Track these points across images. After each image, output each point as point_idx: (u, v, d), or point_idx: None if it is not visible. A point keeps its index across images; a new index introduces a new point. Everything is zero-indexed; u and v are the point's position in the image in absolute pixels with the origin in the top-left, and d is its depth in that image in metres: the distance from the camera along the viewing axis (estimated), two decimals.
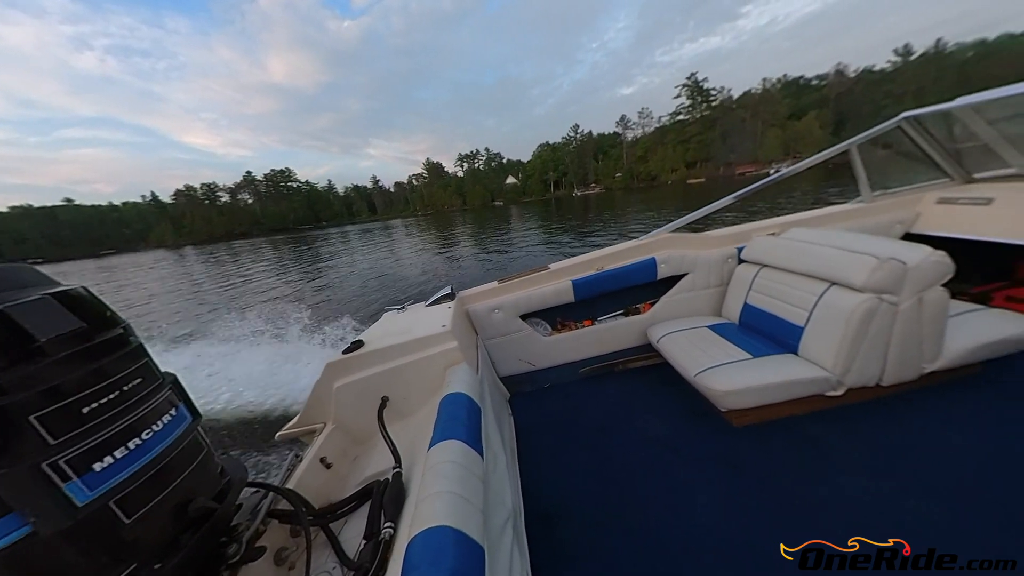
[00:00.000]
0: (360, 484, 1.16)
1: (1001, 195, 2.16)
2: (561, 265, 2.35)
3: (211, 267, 25.05)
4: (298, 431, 1.51)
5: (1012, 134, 2.21)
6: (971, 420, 1.56)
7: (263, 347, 5.66)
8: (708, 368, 1.67)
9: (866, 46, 77.39)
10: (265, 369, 4.75)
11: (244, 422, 3.87)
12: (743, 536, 1.25)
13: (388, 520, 0.89)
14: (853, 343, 1.49)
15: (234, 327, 6.52)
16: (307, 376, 4.36)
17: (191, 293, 14.93)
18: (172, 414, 0.73)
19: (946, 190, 2.45)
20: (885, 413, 1.64)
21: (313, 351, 5.28)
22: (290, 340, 5.82)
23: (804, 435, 1.61)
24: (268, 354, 5.26)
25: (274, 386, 4.30)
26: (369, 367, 1.51)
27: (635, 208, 26.38)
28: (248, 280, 16.40)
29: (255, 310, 7.96)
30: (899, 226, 2.43)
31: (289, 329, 6.16)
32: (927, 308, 1.48)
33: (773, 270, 1.92)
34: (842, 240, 1.71)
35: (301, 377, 4.38)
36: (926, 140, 2.44)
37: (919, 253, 1.47)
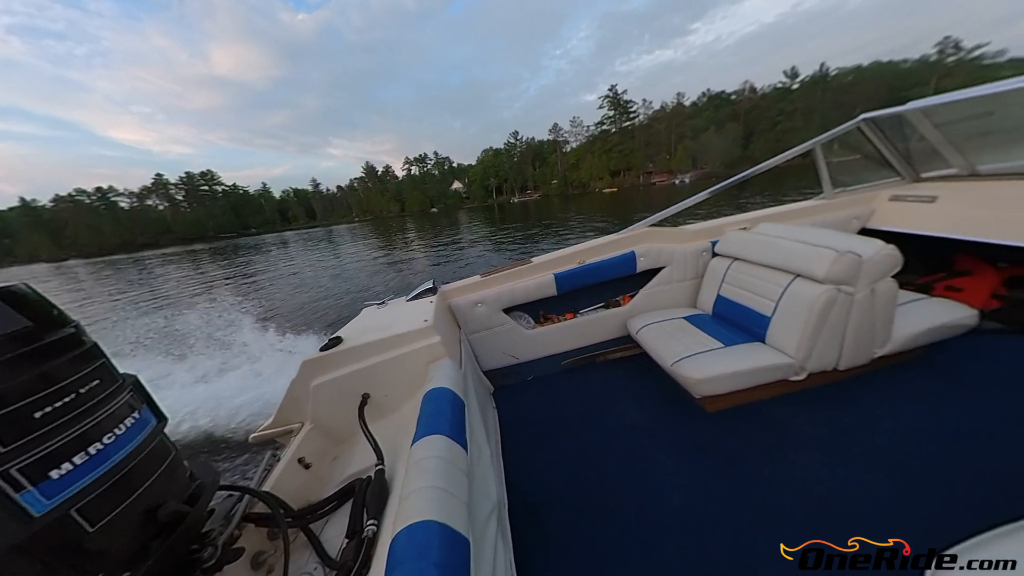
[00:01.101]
0: (341, 483, 1.14)
1: (944, 193, 2.35)
2: (544, 259, 2.37)
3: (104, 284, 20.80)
4: (274, 432, 1.47)
5: (954, 137, 2.40)
6: (914, 399, 1.71)
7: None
8: (684, 357, 1.74)
9: (792, 63, 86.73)
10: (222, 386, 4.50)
11: (214, 428, 3.69)
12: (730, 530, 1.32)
13: (371, 518, 0.88)
14: (814, 331, 1.60)
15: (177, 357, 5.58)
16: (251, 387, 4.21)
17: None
18: (135, 417, 0.70)
19: (898, 188, 2.64)
20: (841, 395, 1.77)
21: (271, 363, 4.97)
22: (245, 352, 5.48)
23: (770, 418, 1.72)
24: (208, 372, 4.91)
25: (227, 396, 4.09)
26: (348, 364, 1.48)
27: (559, 217, 26.04)
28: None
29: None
30: (856, 221, 2.60)
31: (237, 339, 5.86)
32: (879, 298, 1.61)
33: (744, 263, 2.02)
34: (805, 235, 1.81)
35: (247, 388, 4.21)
36: (881, 141, 2.61)
37: (872, 247, 1.59)
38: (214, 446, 3.46)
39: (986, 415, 1.56)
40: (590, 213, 26.61)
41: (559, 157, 76.88)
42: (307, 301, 10.10)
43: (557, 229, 19.09)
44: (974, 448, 1.42)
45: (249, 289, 13.39)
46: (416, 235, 28.18)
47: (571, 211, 30.26)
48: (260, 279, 15.48)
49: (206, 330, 6.58)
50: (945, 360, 1.89)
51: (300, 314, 8.59)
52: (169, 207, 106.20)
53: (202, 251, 44.20)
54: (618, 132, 69.41)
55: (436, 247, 19.46)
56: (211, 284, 15.97)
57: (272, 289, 12.82)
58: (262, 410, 3.74)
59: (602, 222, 19.66)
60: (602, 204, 35.55)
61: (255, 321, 7.38)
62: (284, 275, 15.94)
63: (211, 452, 3.37)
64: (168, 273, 22.72)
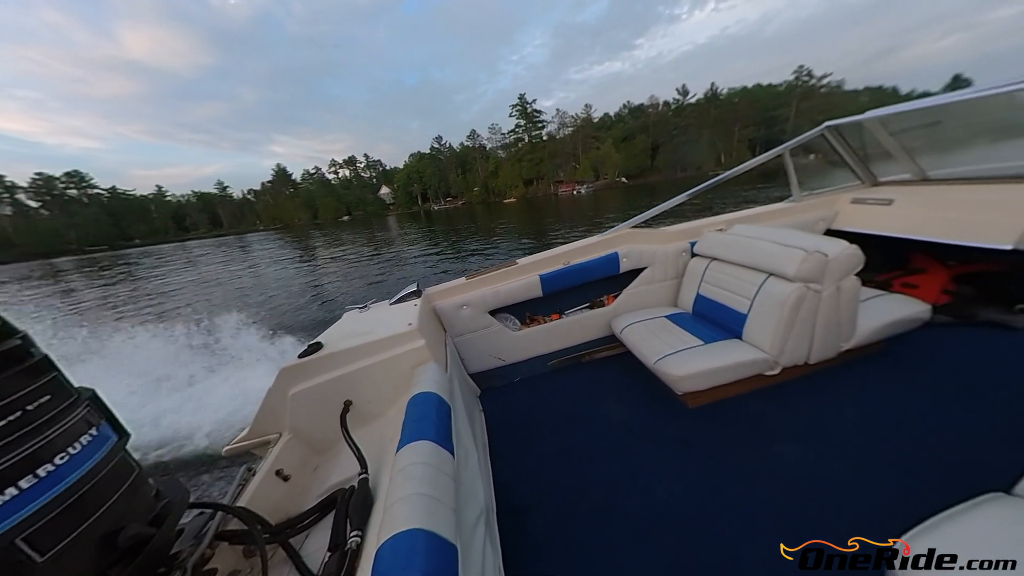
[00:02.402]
0: (323, 495, 1.10)
1: (899, 197, 2.53)
2: (529, 260, 2.38)
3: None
4: (249, 444, 1.40)
5: (907, 145, 2.59)
6: (877, 389, 1.82)
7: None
8: (666, 355, 1.79)
9: (723, 79, 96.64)
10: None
11: (182, 443, 3.46)
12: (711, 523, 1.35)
13: (355, 529, 0.85)
14: (787, 327, 1.68)
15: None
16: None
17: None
18: (92, 434, 0.64)
19: (858, 192, 2.81)
20: (812, 388, 1.87)
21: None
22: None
23: (747, 411, 1.79)
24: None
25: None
26: (329, 370, 1.43)
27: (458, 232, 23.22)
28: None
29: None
30: (822, 223, 2.75)
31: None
32: (844, 294, 1.70)
33: (721, 263, 2.09)
34: (777, 236, 1.90)
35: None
36: (843, 147, 2.78)
37: (837, 247, 1.68)
38: (184, 462, 3.26)
39: (940, 403, 1.68)
40: (460, 228, 25.07)
41: (480, 164, 75.43)
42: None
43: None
44: (930, 434, 1.53)
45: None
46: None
47: (458, 224, 28.24)
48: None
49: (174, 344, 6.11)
50: (903, 352, 2.03)
51: (273, 318, 8.18)
52: (15, 215, 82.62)
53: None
54: (528, 141, 69.62)
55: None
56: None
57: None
58: (230, 419, 3.55)
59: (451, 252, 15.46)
60: (500, 214, 34.49)
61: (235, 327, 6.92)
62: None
63: (181, 468, 3.17)
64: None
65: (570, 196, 50.95)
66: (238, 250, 30.43)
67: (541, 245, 13.08)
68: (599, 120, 69.63)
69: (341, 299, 9.74)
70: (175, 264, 26.22)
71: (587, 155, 63.44)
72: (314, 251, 23.22)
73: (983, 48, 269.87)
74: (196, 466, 3.18)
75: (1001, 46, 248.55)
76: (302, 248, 26.12)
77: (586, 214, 23.83)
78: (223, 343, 5.59)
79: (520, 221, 25.76)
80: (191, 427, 3.61)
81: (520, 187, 67.98)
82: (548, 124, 69.86)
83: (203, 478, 3.00)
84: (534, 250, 2.85)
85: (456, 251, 15.72)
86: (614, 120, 69.19)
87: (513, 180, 68.46)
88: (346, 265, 15.53)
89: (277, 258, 21.85)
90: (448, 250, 16.21)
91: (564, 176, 66.42)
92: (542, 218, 25.86)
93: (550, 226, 20.18)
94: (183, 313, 9.86)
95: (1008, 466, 0.98)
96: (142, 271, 23.82)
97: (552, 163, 66.75)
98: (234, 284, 14.55)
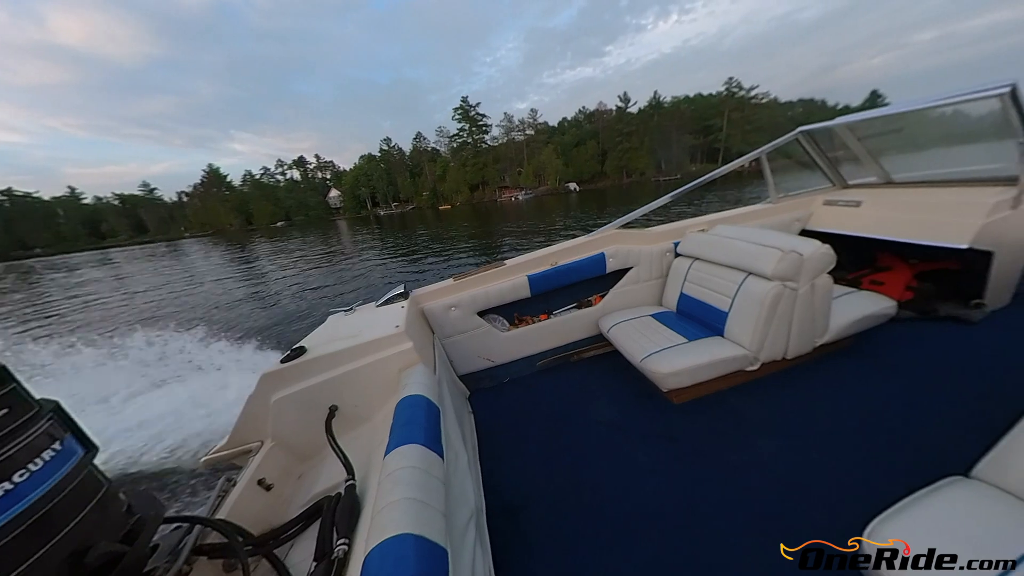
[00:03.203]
0: (308, 503, 1.07)
1: (867, 199, 2.66)
2: (517, 261, 2.39)
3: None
4: (228, 454, 1.35)
5: (873, 149, 2.73)
6: (849, 382, 1.92)
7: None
8: (652, 353, 1.82)
9: (685, 88, 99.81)
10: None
11: (157, 456, 3.29)
12: (696, 516, 1.38)
13: (341, 537, 0.83)
14: (765, 324, 1.74)
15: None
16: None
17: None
18: (56, 448, 0.61)
19: (830, 194, 2.95)
20: (789, 382, 1.94)
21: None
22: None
23: (729, 406, 1.84)
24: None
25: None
26: (313, 375, 1.39)
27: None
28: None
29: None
30: (797, 223, 2.87)
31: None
32: (817, 292, 1.78)
33: (703, 263, 2.15)
34: (755, 236, 1.97)
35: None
36: (815, 151, 2.91)
37: (811, 246, 1.76)
38: (159, 475, 3.10)
39: (905, 394, 1.78)
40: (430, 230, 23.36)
41: (428, 168, 72.22)
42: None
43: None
44: (897, 424, 1.62)
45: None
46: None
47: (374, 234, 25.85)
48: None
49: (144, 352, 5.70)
50: (872, 347, 2.14)
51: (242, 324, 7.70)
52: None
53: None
54: (472, 146, 67.56)
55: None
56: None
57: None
58: (206, 430, 3.39)
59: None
60: (438, 222, 31.91)
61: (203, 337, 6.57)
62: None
63: (156, 482, 3.01)
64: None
65: (509, 202, 50.92)
66: (169, 259, 26.72)
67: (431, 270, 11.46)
68: (560, 124, 68.85)
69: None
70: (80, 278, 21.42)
71: (531, 161, 62.91)
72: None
73: (907, 67, 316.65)
74: (172, 479, 3.03)
75: (923, 65, 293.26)
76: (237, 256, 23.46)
77: (509, 221, 22.99)
78: (190, 355, 5.31)
79: (434, 229, 24.49)
80: (165, 439, 3.44)
81: (465, 192, 66.56)
82: (493, 128, 68.19)
83: (180, 491, 2.87)
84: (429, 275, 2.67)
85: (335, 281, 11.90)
86: (569, 125, 68.25)
87: (459, 185, 66.75)
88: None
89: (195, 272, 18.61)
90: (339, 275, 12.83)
91: (509, 182, 65.38)
92: (462, 224, 25.00)
93: (457, 234, 19.38)
94: (153, 321, 9.24)
95: (966, 451, 1.05)
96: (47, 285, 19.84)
97: (496, 168, 65.69)
98: (187, 295, 12.54)
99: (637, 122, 59.05)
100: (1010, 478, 0.93)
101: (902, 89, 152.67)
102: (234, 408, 1.37)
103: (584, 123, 66.51)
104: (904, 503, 0.94)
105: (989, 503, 0.91)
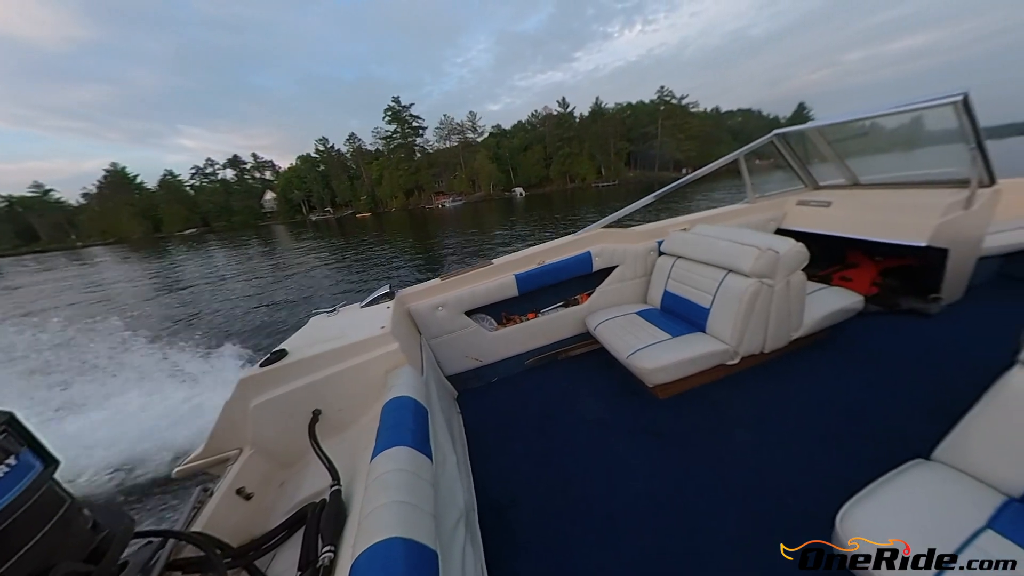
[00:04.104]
0: (291, 511, 1.04)
1: (836, 199, 2.80)
2: (504, 260, 2.39)
3: None
4: (204, 463, 1.29)
5: (842, 152, 2.88)
6: (822, 374, 2.01)
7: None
8: (637, 350, 1.86)
9: (647, 94, 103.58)
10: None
11: (127, 468, 3.08)
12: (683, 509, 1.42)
13: (327, 544, 0.81)
14: (744, 319, 1.81)
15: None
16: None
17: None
18: (11, 464, 0.56)
19: (803, 194, 3.09)
20: (767, 375, 2.02)
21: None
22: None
23: (711, 400, 1.90)
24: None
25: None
26: (295, 379, 1.35)
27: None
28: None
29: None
30: (772, 223, 2.99)
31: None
32: (792, 288, 1.86)
33: (686, 261, 2.21)
34: (734, 235, 2.04)
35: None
36: (788, 153, 3.04)
37: (786, 244, 1.83)
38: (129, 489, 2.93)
39: (872, 383, 1.89)
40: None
41: (365, 171, 66.32)
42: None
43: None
44: (866, 411, 1.71)
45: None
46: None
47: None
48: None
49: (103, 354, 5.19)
50: (843, 339, 2.25)
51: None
52: None
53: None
54: (403, 148, 62.94)
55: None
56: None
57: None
58: (176, 438, 3.22)
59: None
60: (356, 231, 29.74)
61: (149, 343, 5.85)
62: None
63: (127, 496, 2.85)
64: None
65: (438, 209, 48.98)
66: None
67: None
68: (514, 128, 66.04)
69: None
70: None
71: (467, 167, 60.55)
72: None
73: (840, 82, 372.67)
74: (144, 492, 2.87)
75: (854, 81, 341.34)
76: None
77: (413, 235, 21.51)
78: (158, 362, 5.02)
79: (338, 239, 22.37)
80: (134, 450, 3.25)
81: (401, 197, 62.63)
82: (431, 131, 64.11)
83: (152, 504, 2.72)
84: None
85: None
86: (516, 129, 66.02)
87: (394, 190, 62.70)
88: None
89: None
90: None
91: (444, 187, 62.74)
92: (364, 236, 22.88)
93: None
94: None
95: (927, 436, 1.12)
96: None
97: (430, 173, 62.37)
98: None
99: (578, 128, 59.17)
100: (965, 459, 1.01)
101: (837, 102, 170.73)
102: (189, 416, 1.29)
103: (538, 126, 64.07)
104: (872, 487, 1.00)
105: (946, 483, 0.98)
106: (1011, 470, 0.93)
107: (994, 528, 0.86)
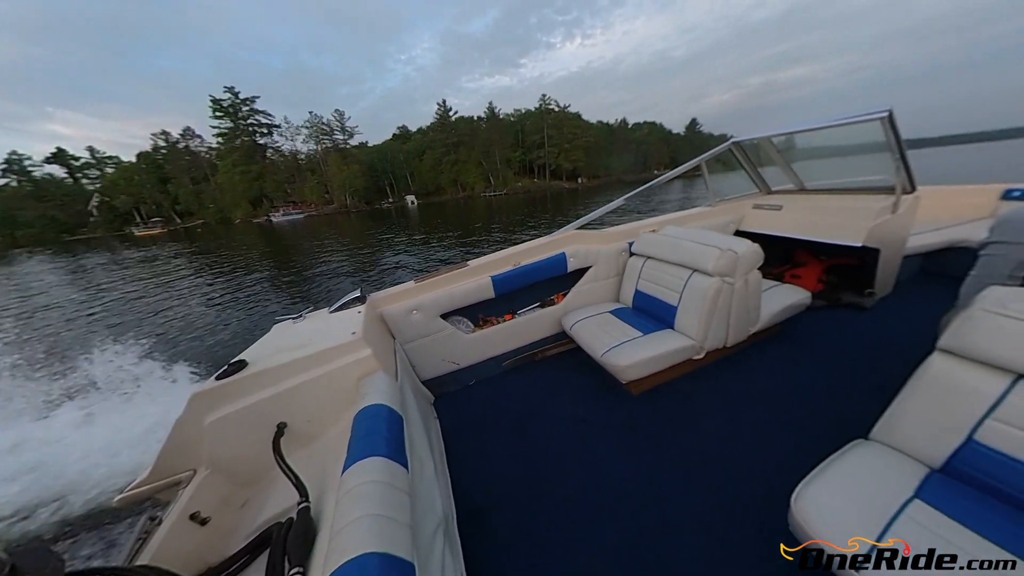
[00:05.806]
0: (253, 533, 0.97)
1: (786, 203, 3.05)
2: (480, 262, 2.37)
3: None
4: (150, 488, 1.17)
5: (791, 160, 3.14)
6: (778, 365, 2.17)
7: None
8: (611, 348, 1.92)
9: (589, 104, 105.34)
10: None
11: (54, 501, 2.69)
12: (661, 502, 1.47)
13: (295, 566, 0.76)
14: (709, 315, 1.91)
15: None
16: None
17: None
18: None
19: (758, 199, 3.33)
20: (730, 367, 2.16)
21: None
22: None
23: (681, 393, 2.00)
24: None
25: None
26: (257, 391, 1.26)
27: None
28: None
29: None
30: (732, 225, 3.20)
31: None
32: (750, 286, 1.99)
33: (655, 261, 2.31)
34: (698, 236, 2.16)
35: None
36: (745, 160, 3.27)
37: (744, 245, 1.96)
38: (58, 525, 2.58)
39: (820, 371, 2.07)
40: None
41: (210, 174, 55.36)
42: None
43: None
44: (814, 398, 1.87)
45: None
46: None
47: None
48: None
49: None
50: (794, 332, 2.45)
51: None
52: None
53: None
54: (240, 150, 52.19)
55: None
56: None
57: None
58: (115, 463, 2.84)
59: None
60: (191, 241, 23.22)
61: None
62: None
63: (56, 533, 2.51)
64: None
65: (265, 224, 42.41)
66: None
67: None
68: (417, 131, 60.73)
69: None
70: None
71: (319, 174, 52.79)
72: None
73: (745, 103, 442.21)
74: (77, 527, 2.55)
75: (756, 102, 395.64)
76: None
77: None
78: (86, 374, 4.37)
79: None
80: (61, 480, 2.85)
81: (245, 207, 52.99)
82: (279, 130, 54.10)
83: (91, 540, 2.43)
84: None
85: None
86: (416, 132, 61.38)
87: (235, 198, 52.87)
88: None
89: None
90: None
91: (295, 196, 54.44)
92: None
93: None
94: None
95: (866, 418, 1.24)
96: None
97: (275, 180, 52.95)
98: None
99: (463, 133, 55.60)
100: (896, 437, 1.12)
101: (742, 120, 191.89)
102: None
103: (439, 130, 57.21)
104: (820, 467, 1.09)
105: (881, 459, 1.09)
106: (932, 445, 1.05)
107: (920, 497, 0.96)
